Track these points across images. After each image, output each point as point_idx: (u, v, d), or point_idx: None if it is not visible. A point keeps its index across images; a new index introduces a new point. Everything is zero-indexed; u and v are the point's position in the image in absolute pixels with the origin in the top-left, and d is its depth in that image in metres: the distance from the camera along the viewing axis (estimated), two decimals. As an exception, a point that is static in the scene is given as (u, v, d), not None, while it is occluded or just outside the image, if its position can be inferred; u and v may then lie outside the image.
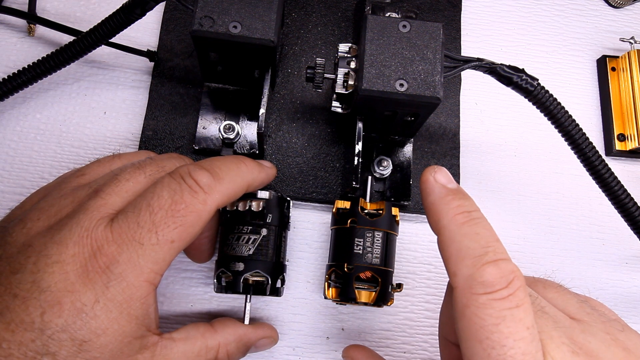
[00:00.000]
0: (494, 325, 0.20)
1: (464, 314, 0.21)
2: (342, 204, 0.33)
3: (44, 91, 0.39)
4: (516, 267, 0.22)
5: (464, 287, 0.21)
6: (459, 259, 0.22)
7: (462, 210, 0.23)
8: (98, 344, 0.23)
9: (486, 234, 0.23)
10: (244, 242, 0.31)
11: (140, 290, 0.25)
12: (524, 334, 0.20)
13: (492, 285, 0.21)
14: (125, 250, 0.24)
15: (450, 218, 0.23)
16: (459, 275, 0.22)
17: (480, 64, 0.32)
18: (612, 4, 0.46)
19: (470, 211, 0.23)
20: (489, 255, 0.22)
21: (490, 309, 0.21)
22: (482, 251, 0.22)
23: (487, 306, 0.21)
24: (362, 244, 0.31)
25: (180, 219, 0.25)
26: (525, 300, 0.21)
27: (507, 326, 0.20)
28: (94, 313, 0.23)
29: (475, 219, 0.23)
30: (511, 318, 0.20)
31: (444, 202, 0.24)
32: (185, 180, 0.26)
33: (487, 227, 0.23)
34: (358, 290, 0.31)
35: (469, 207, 0.24)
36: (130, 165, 0.28)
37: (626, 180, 0.35)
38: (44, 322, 0.23)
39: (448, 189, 0.24)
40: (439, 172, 0.25)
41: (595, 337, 0.22)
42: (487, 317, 0.20)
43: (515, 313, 0.20)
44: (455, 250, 0.22)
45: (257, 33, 0.31)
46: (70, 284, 0.23)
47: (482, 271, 0.21)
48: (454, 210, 0.23)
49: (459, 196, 0.24)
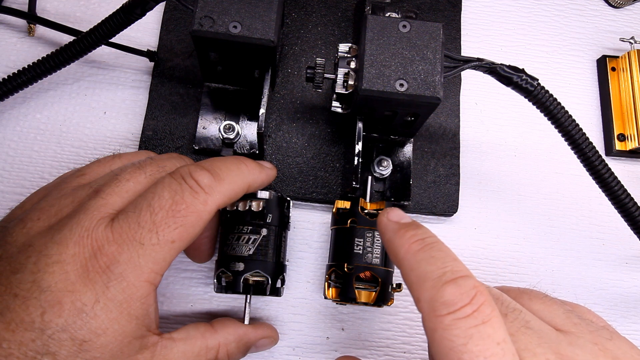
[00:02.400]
0: (463, 346, 0.20)
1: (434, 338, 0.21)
2: (342, 204, 0.33)
3: (44, 91, 0.39)
4: (478, 282, 0.21)
5: (428, 311, 0.21)
6: (420, 284, 0.22)
7: (416, 239, 0.24)
8: (98, 344, 0.23)
9: (442, 255, 0.23)
10: (244, 242, 0.31)
11: (140, 290, 0.25)
12: (495, 350, 0.20)
13: (454, 304, 0.20)
14: (126, 250, 0.24)
15: (405, 249, 0.23)
16: (422, 300, 0.22)
17: (480, 64, 0.32)
18: (612, 4, 0.46)
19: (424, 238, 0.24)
20: (447, 275, 0.21)
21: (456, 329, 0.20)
22: (440, 272, 0.22)
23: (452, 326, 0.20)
24: (362, 244, 0.31)
25: (181, 219, 0.25)
26: (493, 315, 0.21)
27: (476, 344, 0.20)
28: (94, 313, 0.23)
29: (429, 244, 0.23)
30: (479, 335, 0.20)
31: (398, 235, 0.24)
32: (186, 181, 0.26)
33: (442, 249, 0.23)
34: (358, 290, 0.31)
35: (422, 234, 0.24)
36: (130, 165, 0.28)
37: (626, 180, 0.35)
38: (44, 321, 0.23)
39: (401, 224, 0.25)
40: (390, 212, 0.26)
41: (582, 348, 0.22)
42: (455, 337, 0.20)
43: (483, 329, 0.20)
44: (415, 277, 0.22)
45: (257, 33, 0.31)
46: (71, 283, 0.23)
47: (442, 291, 0.21)
48: (407, 240, 0.24)
49: (411, 227, 0.24)
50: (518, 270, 0.38)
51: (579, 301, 0.38)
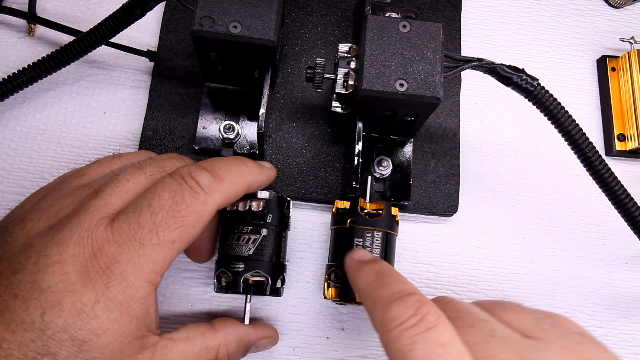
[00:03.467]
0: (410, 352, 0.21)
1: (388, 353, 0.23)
2: (341, 204, 0.33)
3: (44, 91, 0.39)
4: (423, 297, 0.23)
5: (381, 329, 0.23)
6: (373, 308, 0.24)
7: (372, 272, 0.26)
8: (98, 344, 0.23)
9: (391, 280, 0.25)
10: (244, 242, 0.31)
11: (140, 290, 0.25)
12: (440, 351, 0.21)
13: (400, 317, 0.22)
14: (126, 250, 0.24)
15: (363, 280, 0.26)
16: (376, 321, 0.24)
17: (480, 64, 0.32)
18: (612, 4, 0.46)
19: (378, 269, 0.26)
20: (394, 295, 0.24)
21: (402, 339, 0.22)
22: (388, 294, 0.24)
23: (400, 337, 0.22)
24: (362, 244, 0.31)
25: (181, 220, 0.25)
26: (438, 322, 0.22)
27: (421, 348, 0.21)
28: (95, 313, 0.23)
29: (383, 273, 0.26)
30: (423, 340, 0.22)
31: (358, 271, 0.27)
32: (186, 181, 0.26)
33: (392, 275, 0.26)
34: (358, 290, 0.31)
35: (378, 267, 0.27)
36: (130, 165, 0.28)
37: (626, 180, 0.35)
38: (44, 322, 0.23)
39: (362, 261, 0.28)
40: (354, 252, 0.30)
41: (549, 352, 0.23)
42: (402, 346, 0.22)
43: (427, 335, 0.22)
44: (370, 302, 0.25)
45: (257, 33, 0.31)
46: (71, 284, 0.23)
47: (389, 310, 0.23)
48: (365, 273, 0.27)
49: (370, 263, 0.27)
50: (518, 270, 0.38)
51: (579, 301, 0.38)
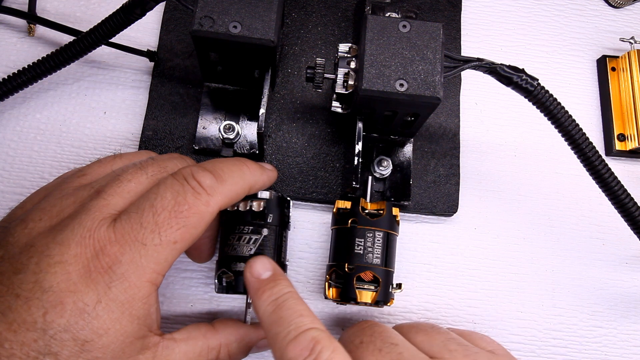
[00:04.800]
0: None
1: None
2: (342, 204, 0.33)
3: (44, 91, 0.39)
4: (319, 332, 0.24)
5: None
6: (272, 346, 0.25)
7: (270, 301, 0.26)
8: (100, 344, 0.23)
9: (289, 314, 0.25)
10: (245, 242, 0.31)
11: (142, 290, 0.25)
12: None
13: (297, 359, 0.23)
14: (128, 250, 0.24)
15: (262, 310, 0.26)
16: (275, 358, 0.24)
17: (480, 64, 0.32)
18: (612, 4, 0.46)
19: (277, 298, 0.26)
20: (290, 334, 0.24)
21: None
22: (285, 333, 0.24)
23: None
24: (363, 244, 0.31)
25: (183, 220, 0.25)
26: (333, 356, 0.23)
27: None
28: (96, 313, 0.23)
29: (280, 304, 0.26)
30: None
31: (257, 296, 0.27)
32: (189, 182, 0.26)
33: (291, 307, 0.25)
34: (359, 290, 0.31)
35: (278, 292, 0.26)
36: (132, 165, 0.28)
37: (626, 180, 0.35)
38: (46, 322, 0.23)
39: (260, 280, 0.27)
40: (253, 265, 0.28)
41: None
42: None
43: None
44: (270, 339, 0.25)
45: (257, 33, 0.31)
46: (73, 284, 0.23)
47: (286, 352, 0.24)
48: (264, 302, 0.26)
49: (269, 286, 0.27)
50: (518, 270, 0.38)
51: (579, 301, 0.38)
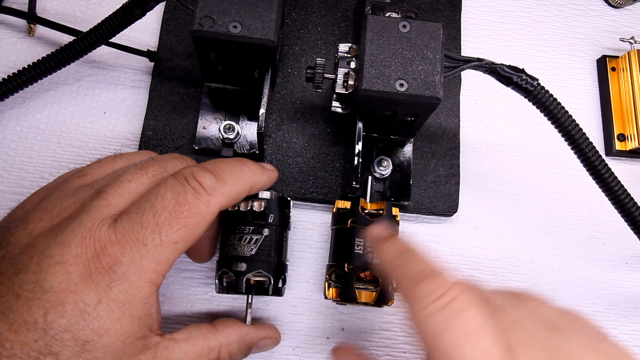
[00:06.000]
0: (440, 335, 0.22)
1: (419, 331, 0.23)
2: (342, 204, 0.33)
3: (44, 91, 0.39)
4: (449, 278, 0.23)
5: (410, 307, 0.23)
6: (400, 284, 0.25)
7: (394, 248, 0.27)
8: (100, 344, 0.23)
9: (417, 259, 0.25)
10: (245, 243, 0.31)
11: (142, 290, 0.25)
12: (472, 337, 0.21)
13: (428, 297, 0.23)
14: (129, 250, 0.24)
15: (385, 257, 0.27)
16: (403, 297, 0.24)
17: (480, 64, 0.32)
18: (612, 4, 0.46)
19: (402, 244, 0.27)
20: (420, 275, 0.24)
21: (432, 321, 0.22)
22: (416, 272, 0.24)
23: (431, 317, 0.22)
24: (363, 244, 0.31)
25: (184, 220, 0.25)
26: (470, 304, 0.22)
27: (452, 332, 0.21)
28: (97, 313, 0.23)
29: (405, 251, 0.26)
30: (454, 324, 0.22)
31: (379, 247, 0.28)
32: (189, 182, 0.26)
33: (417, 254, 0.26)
34: (358, 290, 0.31)
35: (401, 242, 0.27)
36: (132, 165, 0.28)
37: (626, 180, 0.35)
38: (46, 322, 0.23)
39: (381, 238, 0.29)
40: (373, 228, 0.30)
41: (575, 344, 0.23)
42: (432, 328, 0.22)
43: (458, 319, 0.22)
44: (396, 279, 0.25)
45: (257, 33, 0.31)
46: (73, 284, 0.23)
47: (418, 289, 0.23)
48: (389, 247, 0.27)
49: (390, 240, 0.28)
50: (518, 270, 0.38)
51: (579, 301, 0.38)
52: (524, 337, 0.23)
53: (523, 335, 0.23)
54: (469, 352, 0.21)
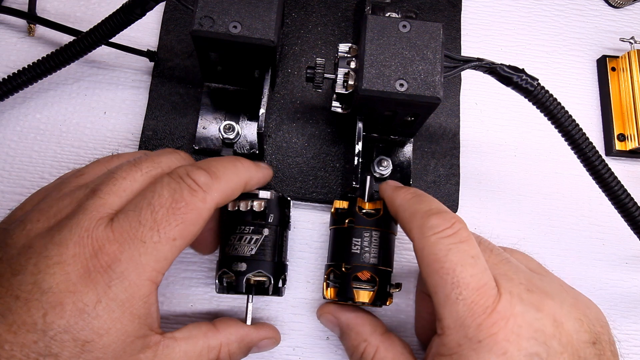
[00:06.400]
0: (444, 256, 0.26)
1: (422, 255, 0.27)
2: (340, 203, 0.33)
3: (44, 91, 0.39)
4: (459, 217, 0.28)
5: (418, 235, 0.27)
6: (412, 218, 0.28)
7: (409, 192, 0.31)
8: (100, 344, 0.23)
9: (429, 199, 0.29)
10: (245, 242, 0.31)
11: (142, 289, 0.25)
12: (469, 261, 0.26)
13: (438, 227, 0.27)
14: (127, 248, 0.24)
15: (401, 198, 0.30)
16: (413, 228, 0.28)
17: (480, 64, 0.32)
18: (612, 4, 0.46)
19: (414, 191, 0.31)
20: (432, 210, 0.28)
21: (439, 245, 0.26)
22: (427, 208, 0.28)
23: (436, 243, 0.27)
24: (360, 244, 0.31)
25: (181, 217, 0.26)
26: (469, 238, 0.27)
27: (455, 255, 0.26)
28: (96, 313, 0.23)
29: (419, 194, 0.30)
30: (457, 249, 0.26)
31: (396, 192, 0.31)
32: (184, 180, 0.27)
33: (430, 197, 0.30)
34: (356, 289, 0.31)
35: (413, 190, 0.31)
36: (126, 163, 0.28)
37: (626, 180, 0.35)
38: (46, 323, 0.22)
39: (397, 186, 0.32)
40: (390, 181, 0.34)
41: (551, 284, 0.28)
42: (438, 250, 0.26)
43: (461, 246, 0.26)
44: (408, 214, 0.29)
45: (257, 33, 0.31)
46: (72, 284, 0.23)
47: (429, 220, 0.27)
48: (402, 193, 0.30)
49: (405, 187, 0.32)
50: (518, 270, 0.38)
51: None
52: (510, 272, 0.27)
53: (509, 271, 0.27)
54: (466, 272, 0.26)
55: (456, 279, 0.26)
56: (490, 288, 0.26)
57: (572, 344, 0.26)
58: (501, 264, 0.28)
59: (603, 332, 0.27)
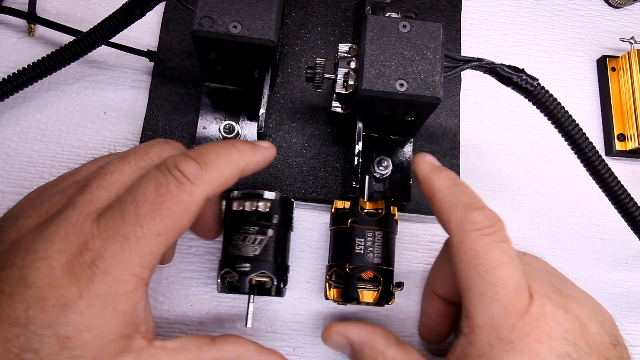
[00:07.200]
0: (485, 254, 0.26)
1: (460, 249, 0.26)
2: (341, 204, 0.33)
3: (44, 91, 0.39)
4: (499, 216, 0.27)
5: (458, 228, 0.27)
6: (452, 208, 0.28)
7: (449, 177, 0.29)
8: (81, 341, 0.23)
9: (470, 191, 0.29)
10: (250, 243, 0.31)
11: (127, 284, 0.24)
12: (509, 261, 0.26)
13: (480, 223, 0.26)
14: (110, 245, 0.24)
15: (440, 182, 0.29)
16: (452, 220, 0.27)
17: (480, 64, 0.32)
18: (612, 4, 0.46)
19: (454, 178, 0.30)
20: (474, 204, 0.27)
21: (480, 242, 0.26)
22: (469, 201, 0.28)
23: (478, 239, 0.26)
24: (363, 244, 0.31)
25: (166, 211, 0.25)
26: (508, 238, 0.27)
27: (495, 254, 0.26)
28: (78, 308, 0.23)
29: (459, 183, 0.29)
30: (498, 248, 0.26)
31: (434, 172, 0.30)
32: (171, 172, 0.25)
33: (470, 188, 0.29)
34: (360, 290, 0.31)
35: (454, 175, 0.30)
36: (115, 157, 0.28)
37: (626, 180, 0.35)
38: (28, 317, 0.22)
39: (436, 165, 0.31)
40: (427, 155, 0.32)
41: (572, 288, 0.29)
42: (479, 247, 0.26)
43: (501, 245, 0.26)
44: (448, 204, 0.28)
45: (257, 33, 0.31)
46: (56, 279, 0.23)
47: (471, 214, 0.27)
48: (442, 177, 0.29)
49: (444, 169, 0.30)
50: (518, 270, 0.38)
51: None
52: (534, 274, 0.28)
53: (533, 272, 0.28)
54: (505, 272, 0.25)
55: (495, 278, 0.25)
56: (524, 290, 0.26)
57: (597, 345, 0.26)
58: (526, 265, 0.28)
59: (619, 335, 0.28)
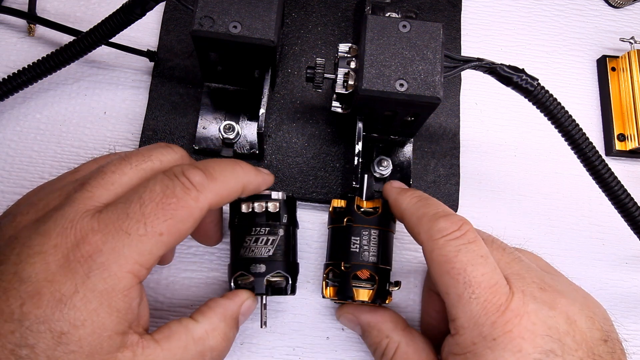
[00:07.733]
0: (454, 257, 0.27)
1: (432, 257, 0.28)
2: (338, 202, 0.33)
3: (44, 91, 0.39)
4: (465, 219, 0.28)
5: (427, 238, 0.28)
6: (419, 222, 0.29)
7: (414, 195, 0.31)
8: (76, 337, 0.23)
9: (435, 203, 0.30)
10: (262, 244, 0.31)
11: (123, 281, 0.24)
12: (479, 260, 0.27)
13: (447, 229, 0.28)
14: (110, 239, 0.24)
15: (407, 201, 0.31)
16: (421, 232, 0.29)
17: (480, 64, 0.32)
18: (612, 4, 0.46)
19: (420, 195, 0.31)
20: (440, 214, 0.29)
21: (448, 246, 0.27)
22: (434, 211, 0.29)
23: (446, 245, 0.27)
24: (359, 242, 0.31)
25: (171, 212, 0.25)
26: (476, 239, 0.28)
27: (465, 255, 0.27)
28: (73, 304, 0.23)
29: (424, 197, 0.31)
30: (466, 250, 0.27)
31: (400, 194, 0.32)
32: (178, 177, 0.26)
33: (435, 200, 0.31)
34: (355, 288, 0.31)
35: (419, 193, 0.32)
36: (116, 157, 0.28)
37: (626, 180, 0.35)
38: (23, 312, 0.22)
39: (402, 188, 0.33)
40: (394, 182, 0.35)
41: (562, 283, 0.29)
42: (448, 252, 0.27)
43: (469, 246, 0.27)
44: (415, 218, 0.30)
45: (257, 33, 0.31)
46: (51, 274, 0.23)
47: (437, 222, 0.28)
48: (408, 196, 0.31)
49: (410, 190, 0.32)
50: (518, 270, 0.38)
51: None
52: (522, 271, 0.28)
53: (521, 269, 0.28)
54: (477, 272, 0.26)
55: (467, 278, 0.26)
56: (502, 286, 0.26)
57: (586, 341, 0.26)
58: (513, 262, 0.29)
59: (612, 330, 0.28)
